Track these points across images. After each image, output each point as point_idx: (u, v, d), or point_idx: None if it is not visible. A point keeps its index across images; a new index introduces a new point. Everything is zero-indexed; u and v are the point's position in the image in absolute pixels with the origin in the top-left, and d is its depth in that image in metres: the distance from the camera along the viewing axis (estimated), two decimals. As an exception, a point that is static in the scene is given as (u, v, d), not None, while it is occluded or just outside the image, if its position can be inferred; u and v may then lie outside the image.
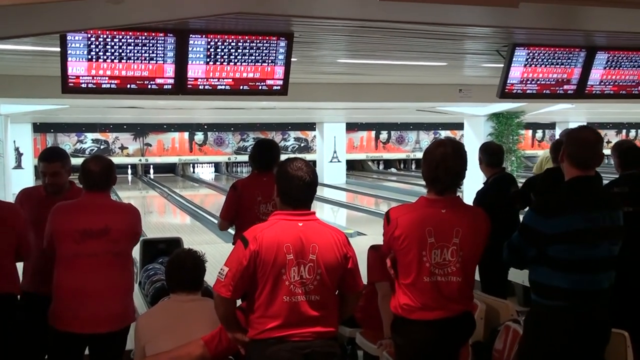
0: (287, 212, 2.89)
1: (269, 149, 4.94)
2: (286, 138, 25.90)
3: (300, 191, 2.87)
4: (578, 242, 2.96)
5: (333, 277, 2.87)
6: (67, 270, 3.56)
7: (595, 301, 3.02)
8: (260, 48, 4.93)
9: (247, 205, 4.77)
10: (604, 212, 3.02)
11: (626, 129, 27.64)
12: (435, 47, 6.01)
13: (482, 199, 5.20)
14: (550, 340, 2.97)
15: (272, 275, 2.78)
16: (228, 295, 2.78)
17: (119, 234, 3.61)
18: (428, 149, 3.10)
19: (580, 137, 3.12)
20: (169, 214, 16.89)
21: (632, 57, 5.88)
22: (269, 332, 2.81)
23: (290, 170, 2.87)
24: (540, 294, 3.05)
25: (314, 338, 2.83)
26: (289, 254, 2.79)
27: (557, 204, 3.02)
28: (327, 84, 9.86)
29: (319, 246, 2.84)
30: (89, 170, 3.64)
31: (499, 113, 12.85)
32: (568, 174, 3.09)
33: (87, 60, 4.58)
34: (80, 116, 19.12)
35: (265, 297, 2.80)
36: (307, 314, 2.81)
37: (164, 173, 25.79)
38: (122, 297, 3.65)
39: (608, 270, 3.06)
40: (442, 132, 26.40)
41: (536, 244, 3.00)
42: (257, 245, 2.77)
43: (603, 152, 3.13)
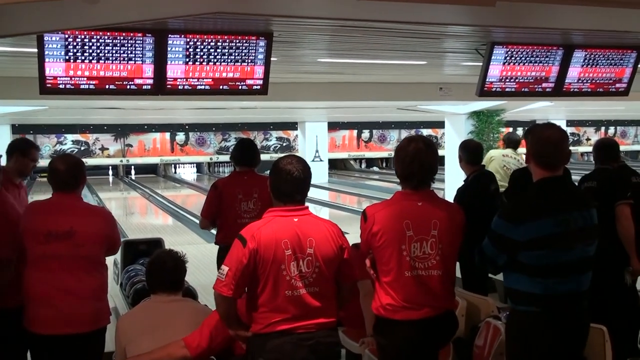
0: (281, 208, 2.93)
1: (250, 148, 5.13)
2: (268, 138, 25.87)
3: (290, 186, 2.91)
4: (550, 247, 2.85)
5: (331, 268, 2.93)
6: (34, 271, 3.49)
7: (572, 304, 2.94)
8: (240, 48, 4.91)
9: (229, 203, 4.91)
10: (575, 213, 2.90)
11: (605, 126, 27.93)
12: (415, 46, 6.03)
13: (462, 196, 5.24)
14: (531, 345, 2.90)
15: (273, 271, 2.82)
16: (229, 294, 2.81)
17: (84, 237, 3.49)
18: (400, 146, 3.09)
19: (544, 136, 2.95)
20: (151, 214, 16.81)
21: (609, 55, 5.93)
22: (273, 326, 2.85)
23: (283, 167, 2.91)
24: (515, 301, 2.97)
25: (317, 329, 2.89)
26: (287, 250, 2.83)
27: (526, 210, 2.90)
28: (308, 83, 9.85)
29: (316, 240, 2.89)
30: (56, 170, 3.55)
31: (480, 111, 12.93)
32: (535, 175, 2.96)
33: (64, 61, 4.53)
34: (59, 117, 18.97)
35: (268, 293, 2.84)
36: (310, 305, 2.87)
37: (146, 174, 25.66)
38: (90, 300, 3.53)
39: (584, 272, 2.96)
40: (423, 130, 26.50)
41: (507, 251, 2.91)
42: (256, 243, 2.81)
43: (569, 149, 3.03)
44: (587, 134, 27.86)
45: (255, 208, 4.97)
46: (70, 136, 23.47)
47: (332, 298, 2.98)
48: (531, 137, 3.01)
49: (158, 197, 18.68)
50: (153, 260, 3.56)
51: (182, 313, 3.38)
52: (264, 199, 4.86)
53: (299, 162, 2.95)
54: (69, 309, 3.46)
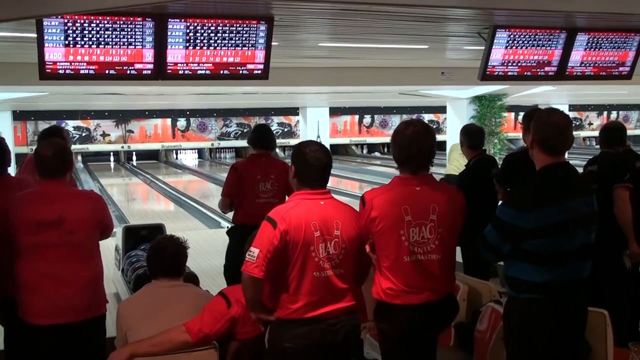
0: (308, 192, 3.00)
1: (266, 132, 5.54)
2: (269, 123, 25.79)
3: (317, 172, 3.00)
4: (557, 235, 2.83)
5: (354, 249, 3.02)
6: (26, 262, 3.43)
7: (573, 291, 2.93)
8: (240, 32, 4.88)
9: (248, 184, 5.24)
10: (579, 199, 2.90)
11: (607, 110, 27.82)
12: (417, 30, 5.99)
13: (463, 181, 5.23)
14: (532, 333, 2.90)
15: (302, 252, 2.89)
16: (261, 275, 2.85)
17: (74, 223, 3.42)
18: (397, 130, 3.08)
19: (550, 122, 2.93)
20: (152, 200, 16.83)
21: (612, 38, 5.89)
22: (301, 312, 2.91)
23: (307, 153, 3.00)
24: (516, 289, 2.95)
25: (343, 314, 2.98)
26: (316, 231, 2.91)
27: (533, 197, 2.88)
28: (309, 68, 9.81)
29: (342, 222, 2.98)
30: (42, 156, 3.47)
31: (482, 96, 12.88)
32: (539, 161, 2.94)
33: (64, 45, 4.51)
34: (60, 103, 18.91)
35: (297, 274, 2.90)
36: (337, 286, 2.96)
37: (147, 160, 25.66)
38: (84, 288, 3.47)
39: (585, 259, 2.96)
40: (425, 115, 26.43)
41: (512, 239, 2.88)
42: (286, 225, 2.87)
43: (573, 135, 3.01)
44: (589, 119, 27.77)
45: (273, 189, 5.28)
46: (72, 122, 23.42)
47: (354, 280, 3.07)
48: (536, 122, 2.97)
49: (159, 183, 18.69)
50: (154, 245, 3.55)
51: (183, 298, 3.38)
52: (280, 180, 5.23)
53: (322, 147, 3.05)
54: (63, 299, 3.40)
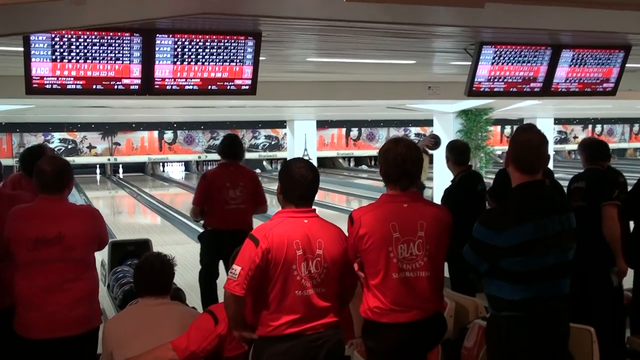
0: (292, 210, 3.00)
1: (234, 142, 5.71)
2: (257, 136, 25.83)
3: (302, 190, 2.99)
4: (531, 252, 2.84)
5: (337, 269, 3.01)
6: (24, 278, 3.43)
7: (551, 308, 2.93)
8: (228, 47, 4.89)
9: (217, 191, 5.45)
10: (554, 217, 2.90)
11: (592, 124, 28.11)
12: (404, 46, 6.02)
13: (449, 197, 5.25)
14: (513, 350, 2.90)
15: (284, 271, 2.89)
16: (242, 293, 2.84)
17: (74, 240, 3.44)
18: (387, 147, 3.08)
19: (523, 140, 2.94)
20: (139, 214, 16.74)
21: (596, 55, 5.95)
22: (282, 329, 2.90)
23: (293, 170, 3.00)
24: (496, 308, 2.95)
25: (325, 329, 2.97)
26: (298, 250, 2.91)
27: (508, 216, 2.89)
28: (297, 82, 9.84)
29: (324, 241, 2.98)
30: (43, 171, 3.48)
31: (468, 110, 12.96)
32: (515, 179, 2.96)
33: (51, 60, 4.49)
34: (47, 115, 18.82)
35: (278, 293, 2.90)
36: (319, 305, 2.95)
37: (134, 172, 25.54)
38: (82, 301, 3.49)
39: (563, 277, 2.95)
40: (412, 128, 26.56)
41: (489, 258, 2.89)
42: (268, 243, 2.86)
43: (548, 153, 3.03)
44: (574, 132, 28.02)
45: (242, 195, 5.54)
46: (58, 134, 23.31)
47: (336, 298, 3.06)
48: (511, 141, 3.01)
49: (146, 196, 18.60)
50: (141, 263, 3.54)
51: (169, 317, 3.36)
52: (249, 188, 5.58)
53: (309, 166, 3.04)
54: (61, 313, 3.42)
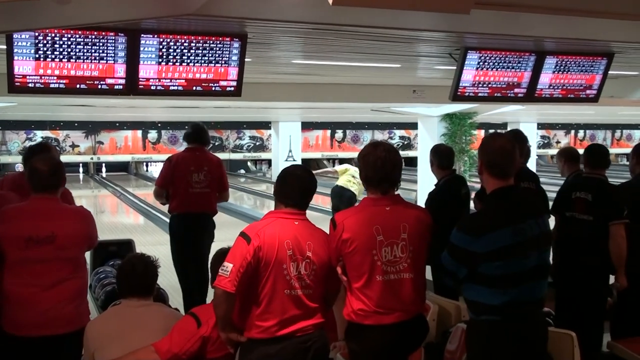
0: (283, 211, 3.04)
1: (202, 130, 5.78)
2: (241, 137, 25.81)
3: (296, 192, 3.05)
4: (509, 258, 2.86)
5: (324, 272, 3.05)
6: (14, 275, 3.42)
7: (531, 312, 2.96)
8: (214, 49, 4.88)
9: (181, 174, 5.50)
10: (530, 221, 2.93)
11: (574, 129, 28.37)
12: (389, 50, 6.04)
13: (433, 200, 5.27)
14: (492, 354, 2.92)
15: (275, 269, 2.91)
16: (233, 290, 2.85)
17: (66, 240, 3.47)
18: (367, 151, 3.09)
19: (496, 145, 2.98)
20: (122, 213, 16.65)
21: (579, 62, 6.02)
22: (273, 330, 2.92)
23: (291, 173, 3.09)
24: (476, 312, 2.97)
25: (313, 330, 3.00)
26: (289, 250, 2.94)
27: (485, 221, 2.92)
28: (282, 83, 9.83)
29: (313, 244, 3.01)
30: (38, 170, 3.48)
31: (452, 114, 13.01)
32: (489, 185, 2.98)
33: (34, 59, 4.46)
34: (29, 113, 18.66)
35: (268, 292, 2.92)
36: (307, 306, 2.98)
37: (117, 172, 25.39)
38: (73, 300, 3.51)
39: (540, 279, 2.97)
40: (396, 131, 26.66)
41: (467, 264, 2.90)
42: (260, 241, 2.89)
43: (519, 157, 3.07)
44: (557, 137, 28.27)
45: (206, 179, 5.57)
46: (40, 132, 23.15)
47: (322, 300, 3.09)
48: (482, 148, 3.04)
49: (129, 196, 18.50)
50: (123, 264, 3.52)
51: (152, 318, 3.34)
52: (212, 172, 5.61)
53: (307, 172, 3.13)
54: (52, 310, 3.42)
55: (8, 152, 23.04)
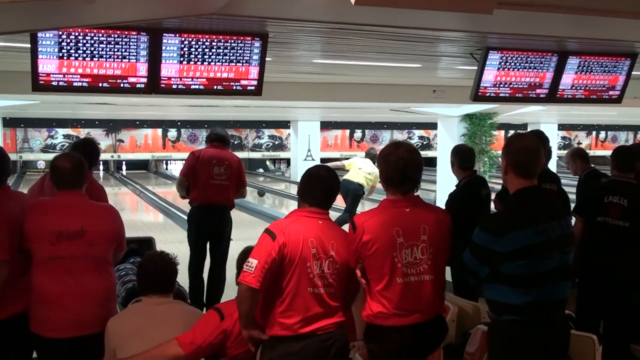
0: (307, 209, 3.08)
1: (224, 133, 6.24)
2: (260, 136, 25.87)
3: (319, 192, 3.09)
4: (531, 257, 2.86)
5: (346, 272, 3.06)
6: (43, 273, 3.40)
7: (553, 312, 2.95)
8: (235, 48, 4.90)
9: (203, 166, 5.89)
10: (553, 222, 2.93)
11: (596, 130, 28.07)
12: (410, 50, 6.03)
13: (454, 201, 5.25)
14: (514, 355, 2.92)
15: (299, 267, 2.94)
16: (257, 286, 2.87)
17: (95, 236, 3.46)
18: (388, 151, 3.07)
19: (522, 145, 3.01)
20: (141, 211, 16.75)
21: (602, 63, 5.96)
22: (296, 328, 2.93)
23: (315, 173, 3.15)
24: (497, 312, 2.97)
25: (335, 328, 3.02)
26: (312, 248, 2.96)
27: (508, 221, 2.92)
28: (302, 83, 9.84)
29: (336, 243, 3.04)
30: (61, 168, 3.50)
31: (472, 114, 12.95)
32: (512, 185, 2.99)
33: (58, 58, 4.52)
34: (51, 111, 18.87)
35: (292, 289, 2.95)
36: (329, 304, 3.00)
37: (137, 170, 25.57)
38: (102, 300, 3.49)
39: (562, 280, 2.97)
40: (415, 131, 26.56)
41: (489, 263, 2.91)
42: (285, 238, 2.92)
43: (544, 158, 3.09)
44: (578, 138, 27.99)
45: (225, 173, 5.94)
46: (62, 130, 23.35)
47: (342, 299, 3.11)
48: (508, 148, 3.04)
49: (149, 194, 18.61)
50: (143, 262, 3.54)
51: (172, 315, 3.37)
52: (232, 167, 5.98)
53: (331, 173, 3.17)
54: (82, 311, 3.41)
55: (30, 150, 23.29)
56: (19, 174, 22.79)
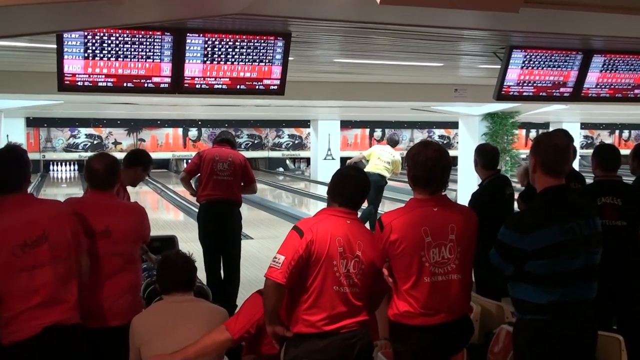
0: (336, 209, 3.09)
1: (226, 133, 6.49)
2: (280, 135, 25.90)
3: (348, 192, 3.11)
4: (557, 256, 2.85)
5: (371, 273, 3.06)
6: None
7: (579, 313, 2.93)
8: (258, 48, 4.93)
9: (207, 163, 6.03)
10: (581, 221, 2.91)
11: (619, 129, 27.75)
12: (432, 49, 6.01)
13: (477, 201, 5.21)
14: (539, 354, 2.90)
15: (325, 265, 2.95)
16: (284, 282, 2.89)
17: (120, 235, 3.54)
18: (417, 150, 3.06)
19: (551, 143, 3.00)
20: (162, 210, 16.86)
21: (628, 61, 5.90)
22: (320, 325, 2.95)
23: (346, 173, 3.20)
24: (522, 311, 2.96)
25: (359, 327, 3.03)
26: (339, 247, 2.97)
27: (534, 219, 2.91)
28: (323, 82, 9.86)
29: (363, 244, 3.04)
30: (94, 169, 3.59)
31: (494, 113, 12.87)
32: (541, 184, 2.98)
33: (83, 58, 4.57)
34: (74, 111, 19.05)
35: (317, 286, 2.96)
36: (353, 304, 3.00)
37: (158, 169, 25.70)
38: (127, 294, 3.59)
39: (589, 280, 2.95)
40: (436, 130, 26.45)
41: (514, 261, 2.91)
42: (313, 236, 2.94)
43: (572, 156, 3.09)
44: (600, 137, 27.69)
45: (229, 168, 6.05)
46: (84, 130, 23.57)
47: (366, 299, 3.10)
48: (537, 146, 3.02)
49: (170, 193, 18.73)
50: (163, 261, 3.57)
51: (195, 313, 3.38)
52: (236, 163, 6.08)
53: (362, 174, 3.21)
54: (107, 302, 3.50)
55: (53, 149, 23.53)
56: (42, 173, 23.07)
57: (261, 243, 9.41)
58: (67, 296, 3.20)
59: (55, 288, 3.16)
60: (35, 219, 3.16)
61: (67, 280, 3.22)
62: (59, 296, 3.18)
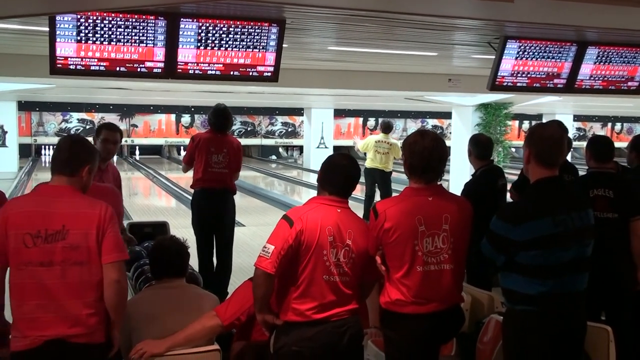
0: (326, 197, 3.06)
1: (224, 116, 6.01)
2: (273, 123, 25.86)
3: (339, 180, 3.07)
4: (548, 248, 2.86)
5: (362, 261, 3.05)
6: None
7: (569, 304, 2.94)
8: (252, 34, 4.90)
9: (202, 153, 5.87)
10: (573, 213, 2.92)
11: (612, 122, 27.84)
12: (426, 38, 6.00)
13: (470, 191, 5.21)
14: (528, 345, 2.92)
15: (315, 254, 2.93)
16: (273, 271, 2.88)
17: None
18: (414, 139, 3.05)
19: (546, 134, 2.99)
20: (154, 196, 16.83)
21: (622, 53, 5.90)
22: (310, 313, 2.94)
23: (336, 161, 3.12)
24: (512, 301, 2.98)
25: (349, 315, 3.02)
26: (329, 236, 2.96)
27: (526, 210, 2.92)
28: (316, 70, 9.83)
29: (354, 232, 3.02)
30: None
31: (487, 104, 12.88)
32: (534, 175, 2.99)
33: (76, 41, 4.53)
34: (66, 95, 18.94)
35: (307, 276, 2.94)
36: (343, 292, 2.99)
37: (150, 155, 25.65)
38: None
39: (581, 272, 2.96)
40: (429, 120, 26.46)
41: (505, 252, 2.92)
42: (302, 225, 2.92)
43: (566, 147, 3.07)
44: (593, 130, 27.78)
45: (224, 161, 5.92)
46: (76, 114, 23.47)
47: (358, 287, 3.09)
48: (532, 137, 3.02)
49: (162, 179, 18.69)
50: (155, 246, 3.56)
51: (186, 299, 3.38)
52: (231, 154, 5.93)
53: (352, 161, 3.12)
54: None
55: (45, 133, 23.43)
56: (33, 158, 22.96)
57: (253, 230, 9.41)
58: (77, 309, 2.80)
59: (63, 296, 2.78)
60: (58, 210, 2.80)
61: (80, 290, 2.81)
62: (68, 307, 2.79)
